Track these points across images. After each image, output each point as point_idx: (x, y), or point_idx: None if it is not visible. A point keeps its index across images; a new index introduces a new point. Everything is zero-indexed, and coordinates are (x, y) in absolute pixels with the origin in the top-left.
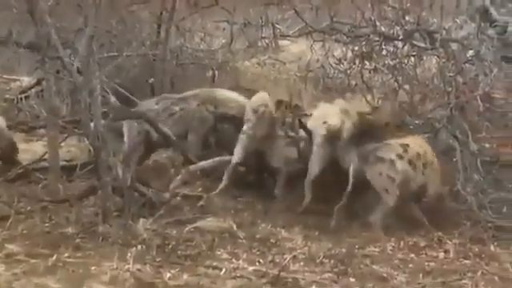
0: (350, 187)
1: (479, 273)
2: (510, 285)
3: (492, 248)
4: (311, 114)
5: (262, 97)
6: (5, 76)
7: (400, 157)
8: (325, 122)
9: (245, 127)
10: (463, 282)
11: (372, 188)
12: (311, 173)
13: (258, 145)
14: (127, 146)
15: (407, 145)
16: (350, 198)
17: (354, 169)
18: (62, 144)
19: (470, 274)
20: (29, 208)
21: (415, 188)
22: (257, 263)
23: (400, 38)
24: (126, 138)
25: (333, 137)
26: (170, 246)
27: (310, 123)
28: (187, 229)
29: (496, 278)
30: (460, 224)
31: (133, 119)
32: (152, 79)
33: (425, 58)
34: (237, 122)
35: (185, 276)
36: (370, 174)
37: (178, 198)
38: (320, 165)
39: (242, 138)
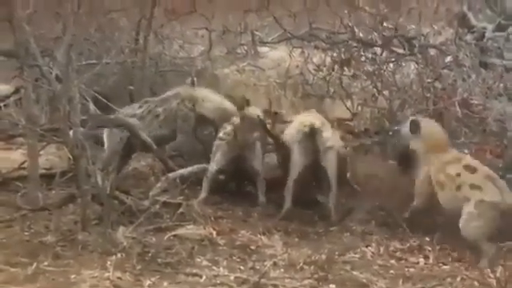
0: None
1: (459, 278)
2: None
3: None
4: (291, 121)
5: None
6: None
7: None
8: (305, 126)
9: (221, 134)
10: (443, 287)
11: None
12: (291, 176)
13: (239, 151)
14: (108, 153)
15: None
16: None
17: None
18: (41, 152)
19: (449, 280)
20: (8, 217)
21: None
22: (237, 270)
23: (378, 44)
24: (106, 145)
25: (313, 138)
26: (150, 254)
27: (289, 130)
28: (167, 236)
29: (476, 283)
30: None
31: (113, 127)
32: (131, 87)
33: (403, 64)
34: (216, 126)
35: (165, 283)
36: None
37: (158, 205)
38: (300, 167)
39: (222, 144)
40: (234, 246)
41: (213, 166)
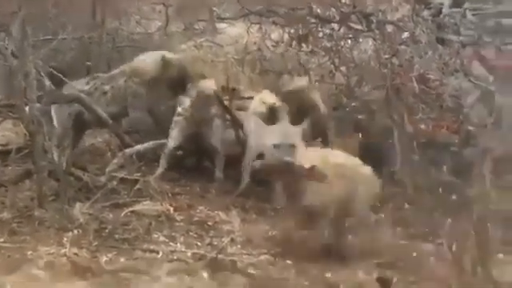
0: None
1: (414, 253)
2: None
3: None
4: (249, 97)
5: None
6: None
7: None
8: (264, 102)
9: (179, 109)
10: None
11: None
12: (248, 153)
13: (196, 128)
14: (58, 129)
15: None
16: None
17: None
18: None
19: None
20: None
21: None
22: (194, 246)
23: (336, 20)
24: (55, 122)
25: (271, 115)
26: (107, 230)
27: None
28: (124, 212)
29: (432, 257)
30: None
31: (67, 102)
32: (89, 62)
33: (361, 40)
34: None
35: (122, 259)
36: None
37: (115, 181)
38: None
39: (179, 120)
40: (191, 222)
41: (170, 143)
